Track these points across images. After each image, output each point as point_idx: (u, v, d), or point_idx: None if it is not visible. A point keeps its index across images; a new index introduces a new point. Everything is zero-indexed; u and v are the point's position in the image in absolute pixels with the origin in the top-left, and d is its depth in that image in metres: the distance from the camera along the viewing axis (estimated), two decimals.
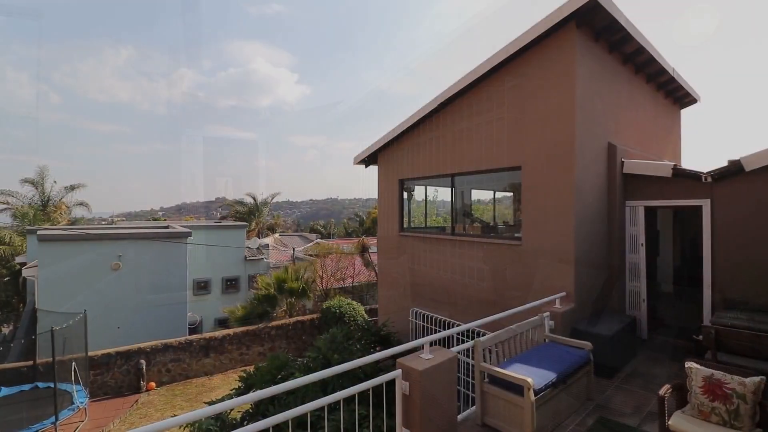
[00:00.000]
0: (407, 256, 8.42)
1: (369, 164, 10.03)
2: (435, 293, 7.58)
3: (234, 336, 13.19)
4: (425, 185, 9.37)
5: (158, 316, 14.71)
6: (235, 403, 2.67)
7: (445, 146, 7.54)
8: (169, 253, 15.22)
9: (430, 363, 3.42)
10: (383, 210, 9.47)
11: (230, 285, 20.04)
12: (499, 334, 4.20)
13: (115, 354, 11.51)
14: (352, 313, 12.31)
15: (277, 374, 5.83)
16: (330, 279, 17.48)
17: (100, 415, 10.15)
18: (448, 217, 12.24)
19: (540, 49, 5.94)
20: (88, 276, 13.75)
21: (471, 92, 6.96)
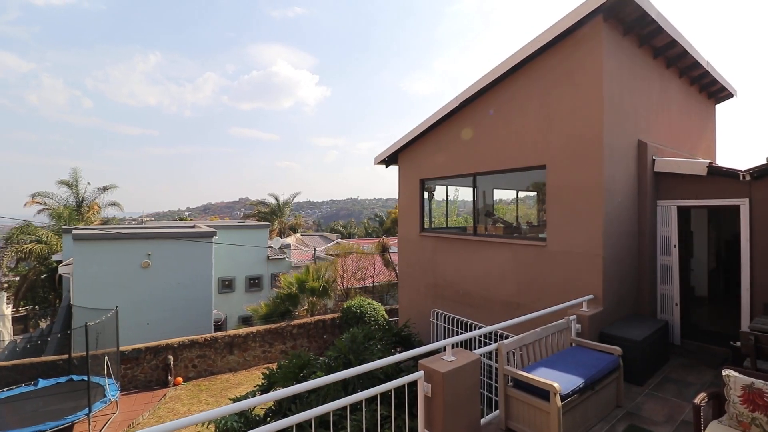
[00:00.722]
0: (428, 257, 8.36)
1: (389, 164, 10.02)
2: (456, 294, 7.50)
3: (257, 334, 13.44)
4: (446, 185, 9.29)
5: (185, 313, 15.15)
6: (260, 400, 2.71)
7: (467, 145, 7.45)
8: (195, 252, 15.66)
9: (452, 365, 3.38)
10: (404, 210, 9.44)
11: (253, 283, 20.44)
12: (523, 337, 4.11)
13: (145, 349, 11.92)
14: (372, 313, 12.33)
15: (299, 373, 5.88)
16: (350, 279, 17.57)
17: (130, 408, 10.53)
18: (470, 217, 12.09)
19: (565, 44, 5.79)
20: (119, 274, 14.30)
21: (493, 90, 6.85)
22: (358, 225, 57.08)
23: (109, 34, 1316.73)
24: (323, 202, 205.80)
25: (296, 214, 44.28)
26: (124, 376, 11.47)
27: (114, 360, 11.00)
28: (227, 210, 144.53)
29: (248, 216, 43.05)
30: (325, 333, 14.31)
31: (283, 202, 39.20)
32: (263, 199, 40.87)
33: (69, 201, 28.42)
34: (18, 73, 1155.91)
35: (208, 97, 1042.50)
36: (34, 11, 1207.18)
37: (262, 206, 39.63)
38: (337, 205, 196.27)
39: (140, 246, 14.78)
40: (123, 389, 11.14)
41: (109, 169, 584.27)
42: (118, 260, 14.37)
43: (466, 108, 7.44)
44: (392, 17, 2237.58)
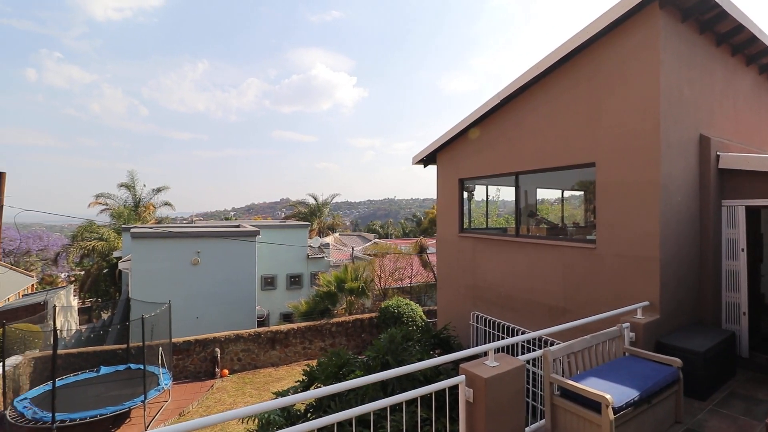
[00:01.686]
0: (467, 258, 8.20)
1: (428, 164, 9.93)
2: (497, 297, 7.29)
3: (298, 330, 13.80)
4: (486, 184, 9.06)
5: (231, 309, 15.86)
6: (303, 397, 2.77)
7: (508, 143, 7.22)
8: (240, 250, 16.35)
9: (495, 371, 3.28)
10: (442, 210, 9.31)
11: (294, 281, 21.02)
12: (571, 344, 3.92)
13: (194, 342, 12.59)
14: (410, 313, 12.29)
15: (338, 371, 5.96)
16: (388, 279, 17.63)
17: (181, 396, 11.15)
18: (511, 217, 11.73)
19: (617, 34, 5.45)
20: (172, 270, 15.21)
21: (538, 85, 6.59)
22: (395, 225, 57.21)
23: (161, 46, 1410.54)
24: (360, 203, 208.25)
25: (334, 214, 45.05)
26: (176, 367, 12.17)
27: (167, 351, 11.70)
28: (269, 210, 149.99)
29: (289, 216, 44.39)
30: (363, 332, 14.44)
31: (322, 203, 40.03)
32: (303, 199, 41.96)
33: (128, 202, 30.62)
34: (82, 84, 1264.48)
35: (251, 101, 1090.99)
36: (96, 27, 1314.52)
37: (302, 206, 40.68)
38: (374, 206, 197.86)
39: (191, 244, 15.65)
40: (175, 379, 11.82)
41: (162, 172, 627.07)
42: (171, 257, 15.29)
43: (507, 105, 7.22)
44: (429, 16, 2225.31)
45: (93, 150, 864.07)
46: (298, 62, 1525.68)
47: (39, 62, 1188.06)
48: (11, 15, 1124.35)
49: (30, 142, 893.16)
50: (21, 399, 9.53)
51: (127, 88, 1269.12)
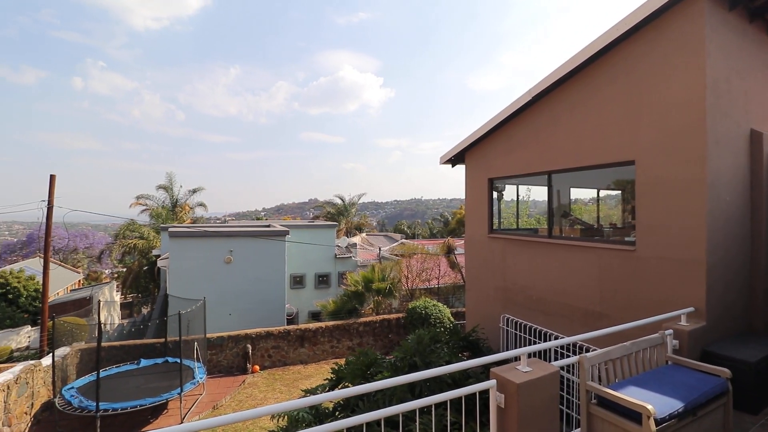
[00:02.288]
0: (497, 259, 8.03)
1: (455, 163, 9.80)
2: (529, 300, 7.09)
3: (326, 329, 13.98)
4: (517, 184, 8.85)
5: (261, 306, 16.27)
6: (333, 396, 2.79)
7: (541, 141, 7.01)
8: (270, 249, 16.74)
9: (528, 376, 3.18)
10: (471, 210, 9.17)
11: (322, 280, 21.32)
12: (609, 351, 3.74)
13: (227, 337, 13.00)
14: (438, 314, 12.18)
15: (366, 370, 5.98)
16: (415, 279, 17.55)
17: (215, 390, 11.55)
18: (542, 218, 11.42)
19: (659, 24, 5.17)
20: (206, 268, 15.78)
21: (572, 80, 6.36)
22: (422, 225, 56.94)
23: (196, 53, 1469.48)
24: (387, 203, 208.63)
25: (361, 214, 45.37)
26: (210, 361, 12.61)
27: (202, 345, 12.14)
28: (298, 210, 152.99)
29: (317, 216, 45.08)
30: (390, 332, 14.44)
31: (349, 203, 40.41)
32: (330, 199, 42.50)
33: (165, 202, 32.04)
34: (123, 91, 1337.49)
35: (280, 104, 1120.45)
36: (136, 36, 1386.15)
37: (330, 206, 41.21)
38: (401, 206, 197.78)
39: (224, 243, 16.17)
40: (209, 373, 12.25)
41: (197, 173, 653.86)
42: (206, 256, 15.86)
43: (539, 102, 7.01)
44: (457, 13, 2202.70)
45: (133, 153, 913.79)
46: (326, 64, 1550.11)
47: (85, 71, 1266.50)
48: (60, 27, 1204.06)
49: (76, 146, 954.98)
50: (68, 388, 10.15)
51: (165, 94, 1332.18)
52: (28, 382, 9.48)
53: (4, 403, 8.44)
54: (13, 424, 8.67)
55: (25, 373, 9.39)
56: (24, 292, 23.18)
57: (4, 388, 8.48)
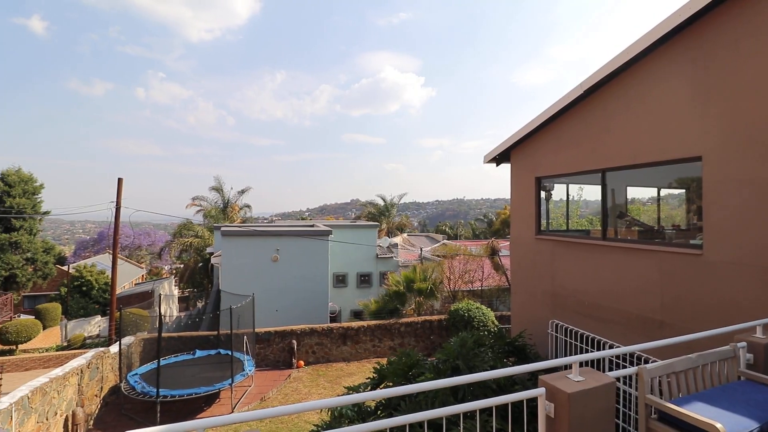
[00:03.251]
0: (545, 262, 7.69)
1: (500, 162, 9.52)
2: (580, 306, 6.73)
3: (368, 328, 14.12)
4: (567, 183, 8.43)
5: (305, 304, 16.75)
6: (378, 395, 2.81)
7: (593, 137, 6.63)
8: (314, 248, 17.19)
9: (580, 386, 3.01)
10: (517, 211, 8.86)
11: (363, 280, 21.56)
12: (672, 363, 3.46)
13: (274, 333, 13.51)
14: (481, 317, 11.91)
15: (408, 371, 5.96)
16: (458, 281, 17.27)
17: (263, 382, 12.03)
18: (595, 218, 10.82)
19: (733, 5, 4.71)
20: (255, 265, 16.51)
21: (629, 71, 5.95)
22: (464, 226, 55.94)
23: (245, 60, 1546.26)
24: (428, 203, 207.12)
25: (403, 214, 45.39)
26: (258, 355, 13.16)
27: (251, 339, 12.71)
28: (340, 210, 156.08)
29: (358, 216, 45.69)
30: (431, 334, 14.32)
31: (390, 203, 40.56)
32: (372, 200, 42.92)
33: (217, 203, 33.91)
34: (180, 100, 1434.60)
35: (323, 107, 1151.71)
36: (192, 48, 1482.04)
37: (371, 207, 41.60)
38: (443, 206, 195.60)
39: (271, 242, 16.83)
40: (257, 366, 12.79)
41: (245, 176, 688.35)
42: (254, 254, 16.59)
43: (593, 95, 6.63)
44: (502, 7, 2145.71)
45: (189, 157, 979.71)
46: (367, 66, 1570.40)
47: (146, 82, 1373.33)
48: (125, 43, 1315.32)
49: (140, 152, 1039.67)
50: (133, 374, 11.02)
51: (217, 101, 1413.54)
52: (99, 367, 10.40)
53: (78, 386, 9.32)
54: (86, 405, 9.55)
55: (96, 358, 10.31)
56: (95, 285, 25.53)
57: (77, 372, 9.36)
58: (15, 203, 26.21)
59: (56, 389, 8.38)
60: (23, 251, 26.93)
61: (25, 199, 26.92)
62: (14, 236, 26.22)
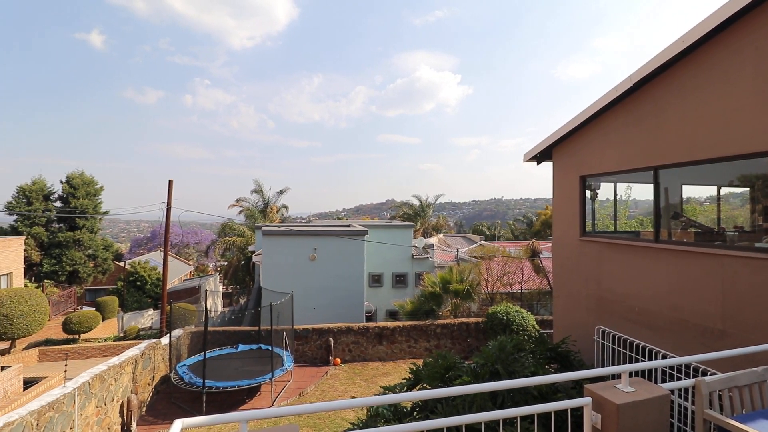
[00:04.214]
0: (591, 265, 7.32)
1: (541, 161, 9.17)
2: (630, 312, 6.34)
3: (403, 328, 14.10)
4: (614, 181, 7.98)
5: (342, 302, 16.99)
6: (416, 396, 2.80)
7: (645, 132, 6.23)
8: (350, 248, 17.40)
9: (630, 397, 2.84)
10: (559, 211, 8.51)
11: (399, 280, 21.55)
12: (734, 376, 3.18)
13: (312, 330, 13.81)
14: (521, 321, 11.55)
15: (444, 374, 5.88)
16: (496, 283, 16.85)
17: (301, 378, 12.33)
18: (646, 219, 10.21)
19: None
20: (294, 264, 16.96)
21: (685, 60, 5.54)
22: (503, 226, 54.52)
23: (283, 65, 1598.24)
24: (465, 203, 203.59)
25: (439, 214, 44.94)
26: (297, 351, 13.51)
27: (290, 336, 13.07)
28: (376, 211, 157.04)
29: (394, 216, 45.75)
30: (468, 336, 14.06)
31: (426, 203, 40.26)
32: (407, 200, 42.82)
33: (258, 204, 35.20)
34: (224, 105, 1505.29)
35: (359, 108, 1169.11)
36: (234, 55, 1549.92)
37: (407, 207, 41.51)
38: (480, 206, 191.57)
39: (309, 241, 17.23)
40: (295, 362, 13.13)
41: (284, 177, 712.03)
42: (293, 253, 17.06)
43: (643, 88, 6.23)
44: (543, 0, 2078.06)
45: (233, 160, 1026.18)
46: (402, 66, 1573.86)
47: (194, 89, 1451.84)
48: (174, 53, 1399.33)
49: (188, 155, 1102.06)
50: (181, 365, 11.65)
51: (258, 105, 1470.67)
52: (151, 357, 11.09)
53: (132, 374, 9.98)
54: (139, 392, 10.21)
55: (149, 349, 11.00)
56: (148, 280, 27.27)
57: (132, 361, 10.03)
58: (78, 204, 28.57)
59: (113, 377, 9.03)
60: (85, 248, 29.29)
61: (87, 200, 29.27)
62: (77, 234, 28.58)
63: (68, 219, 28.57)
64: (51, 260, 27.47)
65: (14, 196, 27.72)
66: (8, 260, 22.01)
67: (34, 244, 26.91)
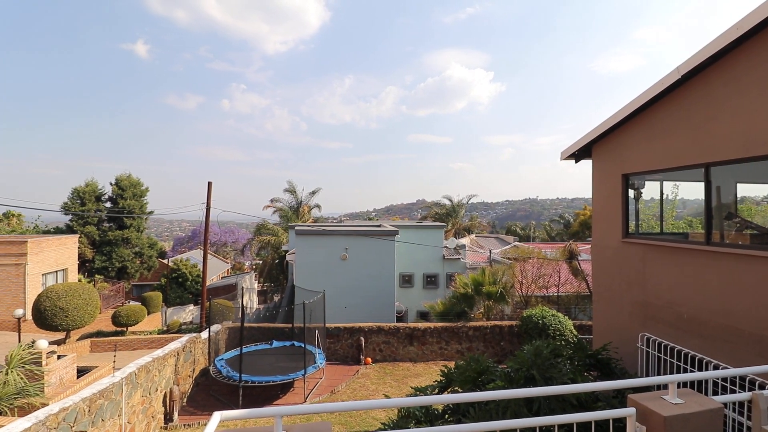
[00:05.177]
0: (634, 268, 6.95)
1: (580, 159, 8.80)
2: (677, 319, 5.96)
3: (435, 330, 13.98)
4: (660, 180, 7.54)
5: (373, 302, 17.07)
6: (447, 399, 2.76)
7: (694, 127, 5.84)
8: (381, 248, 17.46)
9: (679, 410, 2.66)
10: (600, 211, 8.14)
11: (430, 281, 21.39)
12: None
13: (343, 329, 13.97)
14: (557, 326, 11.15)
15: (477, 377, 5.76)
16: (530, 285, 16.36)
17: (332, 376, 12.50)
18: (695, 220, 9.61)
19: None
20: (325, 263, 17.23)
21: (738, 50, 5.14)
22: (538, 227, 52.92)
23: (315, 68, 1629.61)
24: (498, 203, 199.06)
25: (471, 215, 44.25)
26: (328, 349, 13.70)
27: (322, 334, 13.28)
28: (406, 211, 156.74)
29: (425, 217, 45.48)
30: (502, 340, 13.75)
31: (458, 204, 39.75)
32: (438, 200, 42.45)
33: (291, 204, 36.04)
34: (259, 109, 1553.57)
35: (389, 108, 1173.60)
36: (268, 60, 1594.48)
37: (438, 207, 41.16)
38: (514, 206, 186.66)
39: (340, 241, 17.44)
40: (327, 359, 13.32)
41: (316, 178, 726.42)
42: (325, 252, 17.32)
43: (692, 80, 5.84)
44: None
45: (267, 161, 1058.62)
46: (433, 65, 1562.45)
47: (230, 94, 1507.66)
48: (213, 60, 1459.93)
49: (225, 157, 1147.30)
50: (219, 359, 12.11)
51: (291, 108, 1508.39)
52: (192, 351, 11.60)
53: (174, 366, 10.47)
54: (181, 384, 10.71)
55: (190, 343, 11.51)
56: (189, 277, 28.59)
57: (175, 354, 10.53)
58: (126, 204, 30.39)
59: (157, 368, 9.51)
60: (133, 246, 31.10)
61: (134, 201, 31.07)
62: (126, 233, 30.39)
63: (117, 218, 30.47)
64: (102, 257, 29.38)
65: (69, 197, 29.89)
66: (64, 256, 23.75)
67: (87, 241, 28.87)
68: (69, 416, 6.38)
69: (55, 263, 22.82)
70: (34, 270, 20.79)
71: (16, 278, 20.16)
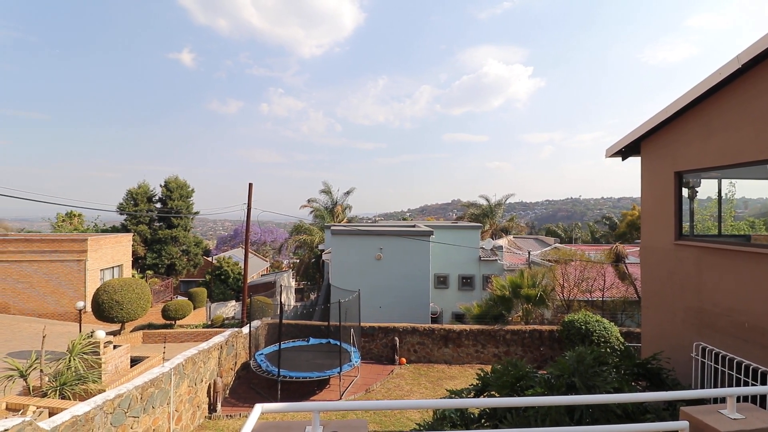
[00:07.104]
0: (688, 273, 6.48)
1: (627, 156, 8.32)
2: (738, 328, 5.50)
3: (470, 332, 13.74)
4: (718, 177, 7.00)
5: (407, 302, 17.04)
6: (485, 403, 2.71)
7: (756, 120, 5.37)
8: (416, 248, 17.39)
9: (739, 425, 2.46)
10: (649, 211, 7.66)
11: (465, 282, 21.02)
12: None
13: (378, 328, 14.03)
14: (602, 332, 10.61)
15: (515, 383, 5.60)
16: (573, 289, 15.67)
17: (367, 374, 12.59)
18: (758, 221, 8.87)
19: None
20: (360, 263, 17.39)
21: None
22: (581, 228, 50.66)
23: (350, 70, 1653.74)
24: (537, 203, 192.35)
25: (508, 215, 43.06)
26: (363, 348, 13.82)
27: (357, 332, 13.42)
28: (441, 211, 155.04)
29: (460, 217, 44.79)
30: (541, 345, 13.28)
31: (495, 204, 38.80)
32: (474, 200, 41.64)
33: (327, 204, 36.70)
34: (295, 111, 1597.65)
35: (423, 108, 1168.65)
36: (304, 63, 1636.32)
37: (474, 208, 40.37)
38: (554, 206, 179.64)
39: (375, 241, 17.55)
40: (362, 358, 13.44)
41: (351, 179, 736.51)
42: (360, 252, 17.50)
43: (753, 69, 5.37)
44: None
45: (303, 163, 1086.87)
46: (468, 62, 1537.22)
47: (268, 98, 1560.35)
48: (251, 66, 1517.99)
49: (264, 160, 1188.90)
50: (259, 354, 12.54)
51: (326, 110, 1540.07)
52: (234, 345, 12.09)
53: (218, 359, 10.96)
54: (224, 376, 11.19)
55: (232, 337, 12.00)
56: (231, 275, 29.87)
57: (218, 347, 11.02)
58: (174, 205, 32.23)
59: (203, 360, 10.00)
60: (180, 244, 32.93)
61: (181, 202, 32.90)
62: (174, 232, 32.22)
63: (166, 218, 32.37)
64: (153, 254, 31.33)
65: (124, 198, 32.14)
66: (119, 253, 25.54)
67: (140, 239, 30.88)
68: (123, 402, 6.85)
69: (111, 259, 24.59)
70: (93, 266, 22.51)
71: (78, 273, 21.92)
